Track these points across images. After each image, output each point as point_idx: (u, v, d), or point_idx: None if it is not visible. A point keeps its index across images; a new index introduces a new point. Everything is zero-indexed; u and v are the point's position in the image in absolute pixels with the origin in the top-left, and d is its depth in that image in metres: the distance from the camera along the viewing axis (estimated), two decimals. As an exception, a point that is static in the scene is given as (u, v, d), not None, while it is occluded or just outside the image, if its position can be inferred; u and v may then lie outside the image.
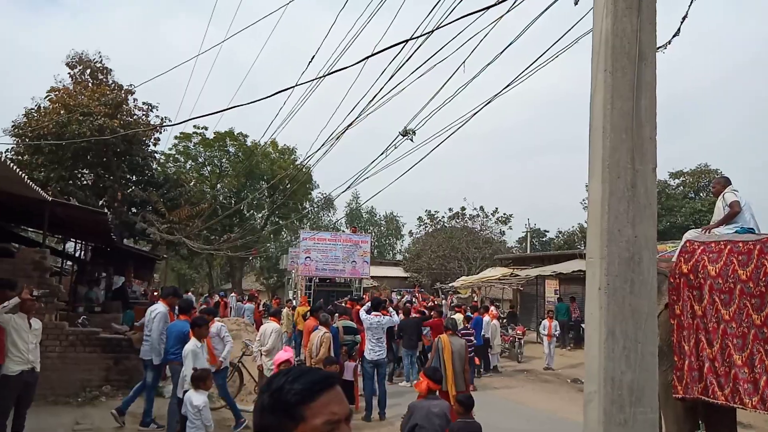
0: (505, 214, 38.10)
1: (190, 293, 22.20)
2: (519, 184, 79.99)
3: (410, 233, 43.36)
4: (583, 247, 37.91)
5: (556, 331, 14.07)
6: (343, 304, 13.96)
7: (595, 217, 3.07)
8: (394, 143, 5.22)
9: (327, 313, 9.31)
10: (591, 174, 3.16)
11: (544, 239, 53.72)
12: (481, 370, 12.96)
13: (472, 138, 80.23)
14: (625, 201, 3.01)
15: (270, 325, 8.71)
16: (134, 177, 22.50)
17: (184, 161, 33.23)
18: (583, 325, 17.60)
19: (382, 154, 5.57)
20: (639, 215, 3.03)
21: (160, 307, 7.39)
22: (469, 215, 38.20)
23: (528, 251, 39.26)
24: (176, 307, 7.48)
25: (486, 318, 13.63)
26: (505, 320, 21.02)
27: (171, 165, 31.15)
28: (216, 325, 7.55)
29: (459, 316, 12.91)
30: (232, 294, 25.14)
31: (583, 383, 3.31)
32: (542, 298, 20.57)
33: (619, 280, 2.97)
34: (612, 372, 2.91)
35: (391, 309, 10.32)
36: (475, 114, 5.33)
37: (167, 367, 7.10)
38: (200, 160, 33.89)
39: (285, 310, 15.27)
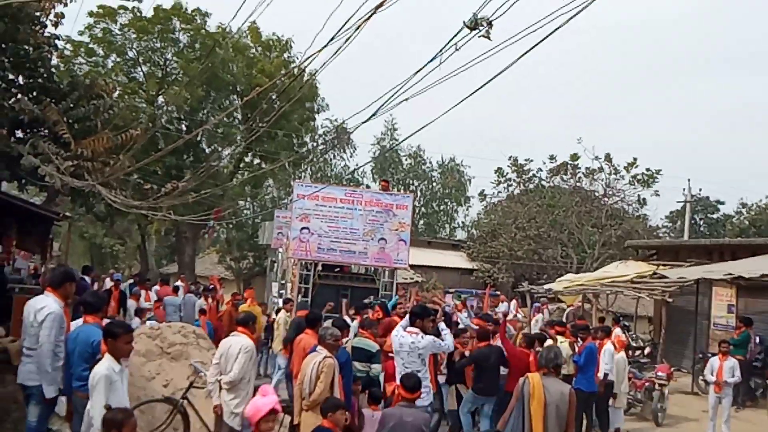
0: (649, 170, 37.47)
1: (104, 278, 22.23)
2: (676, 121, 78.62)
3: (482, 195, 43.12)
4: (784, 234, 37.05)
5: (733, 376, 13.65)
6: (369, 311, 14.10)
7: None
8: (453, 43, 5.13)
9: (336, 326, 9.40)
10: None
11: (715, 217, 52.91)
12: (591, 434, 13.00)
13: (591, 37, 78.74)
14: None
15: (237, 341, 8.87)
16: (19, 78, 22.83)
17: (104, 55, 33.59)
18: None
19: (434, 58, 5.48)
20: None
21: (49, 302, 7.56)
22: (586, 169, 37.69)
23: (686, 236, 38.77)
24: (80, 303, 7.68)
25: (607, 347, 13.55)
26: (640, 352, 20.94)
27: (82, 61, 31.44)
28: None
29: (564, 344, 12.87)
30: (179, 282, 25.60)
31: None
32: (707, 318, 20.36)
33: None
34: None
35: (442, 325, 10.34)
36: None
37: (66, 400, 7.35)
38: (130, 54, 34.21)
39: (281, 314, 15.66)
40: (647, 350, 21.56)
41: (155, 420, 9.81)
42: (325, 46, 7.79)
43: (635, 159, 36.81)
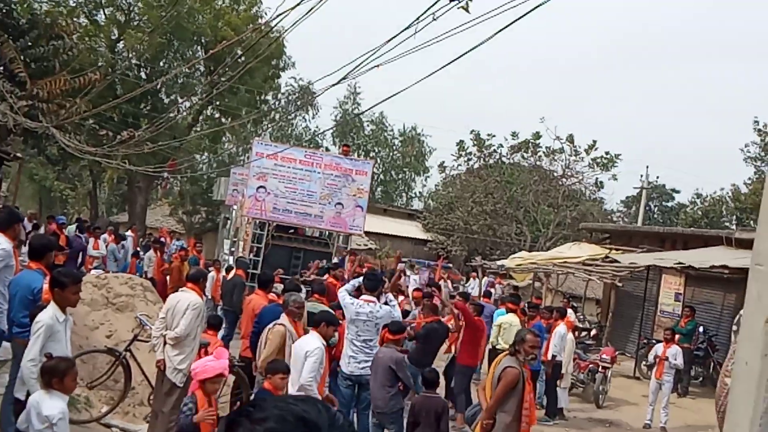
0: (608, 153, 37.73)
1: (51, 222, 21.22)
2: (640, 107, 79.49)
3: (442, 167, 43.15)
4: (733, 226, 37.70)
5: (674, 362, 13.62)
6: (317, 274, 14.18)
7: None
8: (431, 12, 5.09)
9: (289, 289, 9.43)
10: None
11: (669, 205, 53.82)
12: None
13: (565, 15, 79.10)
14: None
15: (186, 297, 8.77)
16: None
17: (66, -3, 32.85)
18: (716, 358, 17.86)
19: (409, 26, 5.44)
20: None
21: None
22: (546, 148, 37.85)
23: (639, 222, 39.31)
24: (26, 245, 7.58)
25: (559, 327, 13.68)
26: (586, 334, 21.26)
27: (42, 0, 30.75)
28: None
29: (513, 320, 13.02)
30: (129, 232, 25.35)
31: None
32: (654, 305, 20.74)
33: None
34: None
35: (389, 296, 10.28)
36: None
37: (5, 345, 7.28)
38: (94, -4, 33.37)
39: None
40: (593, 332, 21.87)
41: (96, 371, 9.77)
42: (297, 5, 7.69)
43: (595, 142, 36.98)
